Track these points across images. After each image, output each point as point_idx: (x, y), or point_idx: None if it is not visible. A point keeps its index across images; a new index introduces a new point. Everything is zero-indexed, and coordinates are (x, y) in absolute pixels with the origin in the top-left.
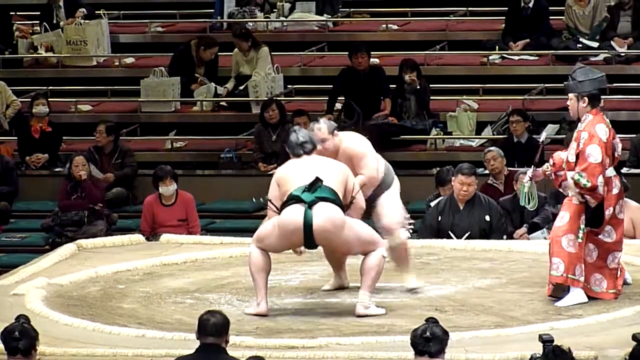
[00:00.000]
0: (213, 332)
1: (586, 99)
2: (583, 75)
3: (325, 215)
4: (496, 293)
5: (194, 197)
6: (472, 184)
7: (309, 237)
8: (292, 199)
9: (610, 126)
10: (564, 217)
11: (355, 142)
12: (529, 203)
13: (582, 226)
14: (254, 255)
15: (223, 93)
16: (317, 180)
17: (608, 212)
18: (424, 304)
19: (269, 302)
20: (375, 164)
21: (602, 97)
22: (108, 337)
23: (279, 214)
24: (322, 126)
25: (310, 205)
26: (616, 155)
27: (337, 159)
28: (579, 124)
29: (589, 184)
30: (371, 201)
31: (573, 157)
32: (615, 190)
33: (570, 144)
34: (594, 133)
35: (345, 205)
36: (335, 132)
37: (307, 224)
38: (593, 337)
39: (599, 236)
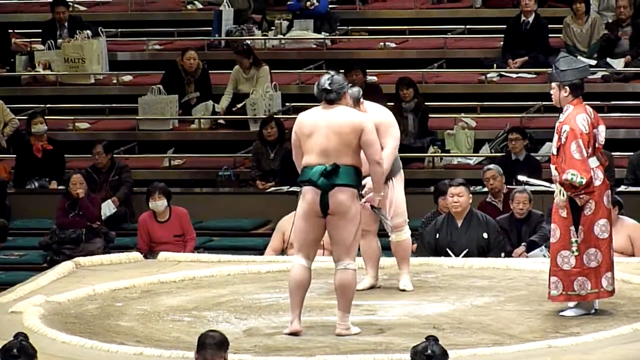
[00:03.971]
0: (210, 350)
1: (567, 88)
2: (566, 65)
3: (338, 203)
4: (494, 311)
5: (192, 216)
6: (461, 194)
7: (325, 211)
8: (309, 182)
9: (593, 114)
10: (555, 233)
11: (381, 112)
12: None
13: (574, 239)
14: (293, 271)
15: (221, 112)
16: (336, 168)
17: (588, 209)
18: (422, 322)
19: (266, 319)
20: (399, 134)
21: (601, 114)
22: (106, 355)
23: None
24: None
25: (325, 191)
26: (597, 145)
27: None
28: (560, 114)
29: (584, 180)
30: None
31: (555, 150)
32: (597, 182)
33: (554, 136)
34: (574, 126)
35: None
36: (361, 100)
37: (324, 206)
38: (591, 355)
39: (596, 234)
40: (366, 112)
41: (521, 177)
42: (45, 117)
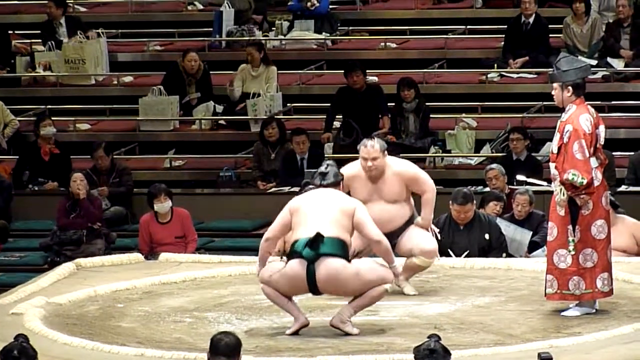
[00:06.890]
0: (224, 353)
1: (570, 88)
2: (567, 65)
3: (327, 272)
4: (495, 311)
5: (193, 216)
6: (468, 211)
7: (314, 289)
8: (294, 254)
9: (595, 114)
10: (553, 231)
11: (405, 165)
12: None
13: (571, 238)
14: (268, 293)
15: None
16: (318, 237)
17: (586, 209)
18: (423, 322)
19: (268, 320)
20: (429, 178)
21: (602, 114)
22: (107, 356)
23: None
24: (376, 144)
25: (311, 261)
26: (598, 145)
27: (384, 180)
28: (563, 114)
29: (585, 181)
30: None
31: (555, 149)
32: (596, 183)
33: (554, 135)
34: (578, 126)
35: (349, 244)
36: (385, 152)
37: (310, 280)
38: (592, 354)
39: (593, 234)
40: (388, 166)
41: (519, 176)
42: (52, 120)
